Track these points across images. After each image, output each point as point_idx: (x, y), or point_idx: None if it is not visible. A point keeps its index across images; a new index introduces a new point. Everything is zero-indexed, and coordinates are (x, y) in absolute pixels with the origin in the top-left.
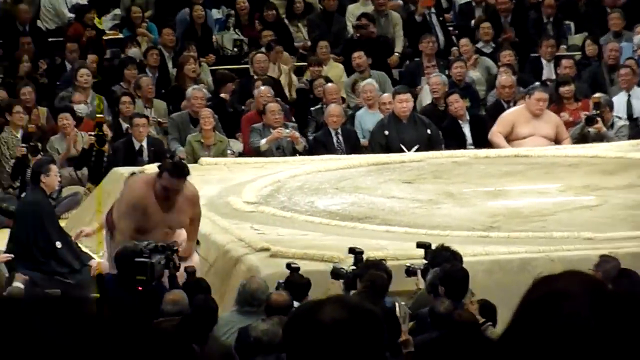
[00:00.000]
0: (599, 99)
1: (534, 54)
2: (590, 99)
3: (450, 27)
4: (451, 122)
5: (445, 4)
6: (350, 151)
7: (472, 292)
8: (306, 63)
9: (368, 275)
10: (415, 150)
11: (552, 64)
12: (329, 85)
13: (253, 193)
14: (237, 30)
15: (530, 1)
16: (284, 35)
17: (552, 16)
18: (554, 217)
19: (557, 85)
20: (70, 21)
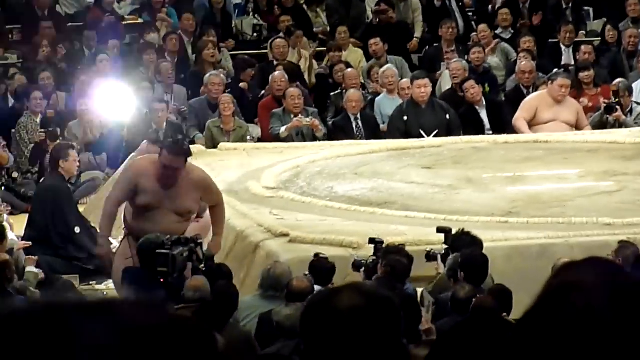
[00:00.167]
0: (618, 87)
1: (552, 39)
2: (610, 87)
3: (469, 13)
4: (468, 109)
5: None
6: (370, 136)
7: (492, 277)
8: (325, 48)
9: (388, 260)
10: (434, 136)
11: (570, 49)
12: (348, 70)
13: (272, 178)
14: (256, 16)
15: None
16: (303, 21)
17: (571, 2)
18: (573, 202)
19: (577, 70)
20: (89, 6)
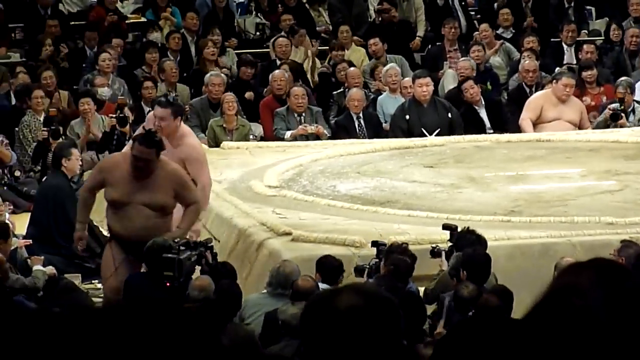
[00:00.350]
0: (624, 94)
1: (555, 39)
2: (616, 93)
3: (472, 12)
4: (467, 108)
5: None
6: (372, 135)
7: (495, 276)
8: (328, 47)
9: (392, 259)
10: (436, 134)
11: (572, 49)
12: (351, 69)
13: (275, 177)
14: (259, 14)
15: None
16: (305, 20)
17: (573, 1)
18: (576, 201)
19: (580, 69)
20: (92, 4)
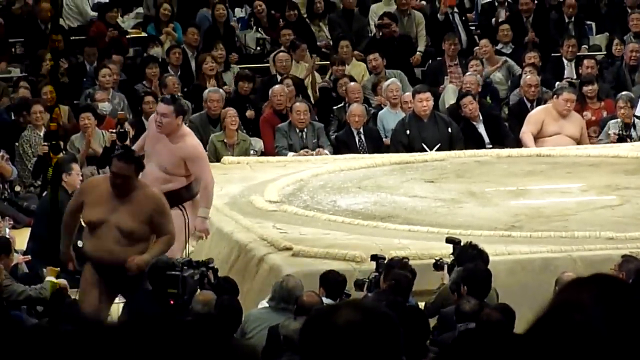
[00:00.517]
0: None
1: (555, 54)
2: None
3: (472, 27)
4: (466, 124)
5: (468, 4)
6: (373, 150)
7: (496, 291)
8: (329, 62)
9: (393, 274)
10: (436, 149)
11: (573, 63)
12: (351, 84)
13: (275, 192)
14: (259, 29)
15: (551, 2)
16: (305, 34)
17: (573, 16)
18: (576, 216)
19: (581, 84)
20: (92, 19)
